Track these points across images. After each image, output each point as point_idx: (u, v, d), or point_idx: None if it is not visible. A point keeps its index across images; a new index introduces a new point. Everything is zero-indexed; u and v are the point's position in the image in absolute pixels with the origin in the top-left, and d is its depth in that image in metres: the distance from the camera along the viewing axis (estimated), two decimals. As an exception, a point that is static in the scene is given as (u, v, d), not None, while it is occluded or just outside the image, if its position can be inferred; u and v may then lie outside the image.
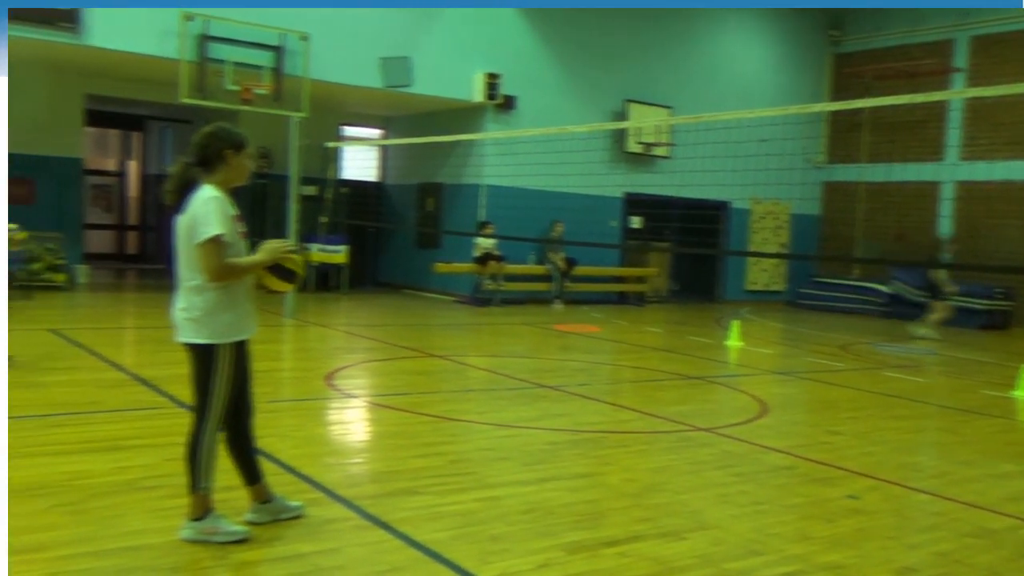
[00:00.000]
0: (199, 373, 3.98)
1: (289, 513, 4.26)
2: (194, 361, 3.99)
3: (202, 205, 3.84)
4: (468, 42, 15.42)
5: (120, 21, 12.35)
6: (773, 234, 19.96)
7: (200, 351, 3.95)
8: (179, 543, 3.88)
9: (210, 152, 3.95)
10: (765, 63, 19.56)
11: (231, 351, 3.98)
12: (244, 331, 4.05)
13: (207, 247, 3.80)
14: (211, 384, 3.95)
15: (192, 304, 3.92)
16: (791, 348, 12.98)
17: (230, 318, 3.96)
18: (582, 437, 6.45)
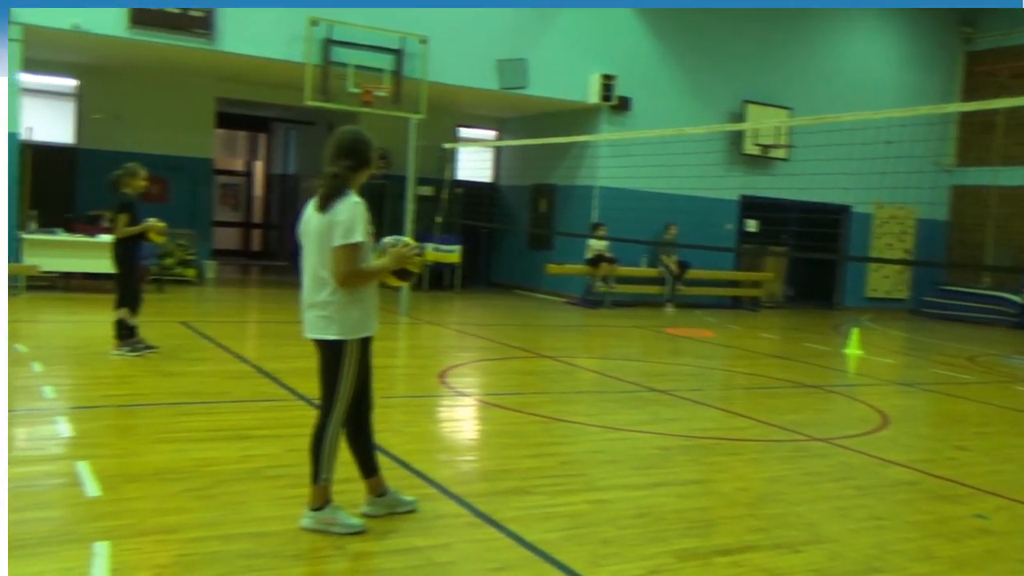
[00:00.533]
0: (327, 368, 4.11)
1: (403, 507, 4.36)
2: (323, 356, 4.13)
3: (348, 210, 3.97)
4: (584, 43, 15.42)
5: (251, 27, 12.86)
6: (897, 239, 19.23)
7: (329, 347, 4.08)
8: (300, 531, 4.03)
9: (361, 155, 4.11)
10: (891, 62, 18.86)
11: (358, 347, 4.10)
12: (370, 328, 4.17)
13: (346, 251, 3.94)
14: (338, 379, 4.08)
15: (323, 301, 4.05)
16: (914, 358, 12.49)
17: (358, 315, 4.08)
18: (694, 443, 6.38)
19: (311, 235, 4.07)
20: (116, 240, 8.11)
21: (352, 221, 3.94)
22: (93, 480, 4.52)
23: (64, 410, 6.14)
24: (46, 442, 5.37)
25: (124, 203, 8.00)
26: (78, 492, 4.38)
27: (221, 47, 12.72)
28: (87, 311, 11.38)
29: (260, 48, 13.04)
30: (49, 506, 4.24)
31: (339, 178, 4.04)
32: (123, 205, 7.99)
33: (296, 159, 21.81)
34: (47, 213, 13.35)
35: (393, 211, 16.63)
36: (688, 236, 15.74)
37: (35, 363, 7.51)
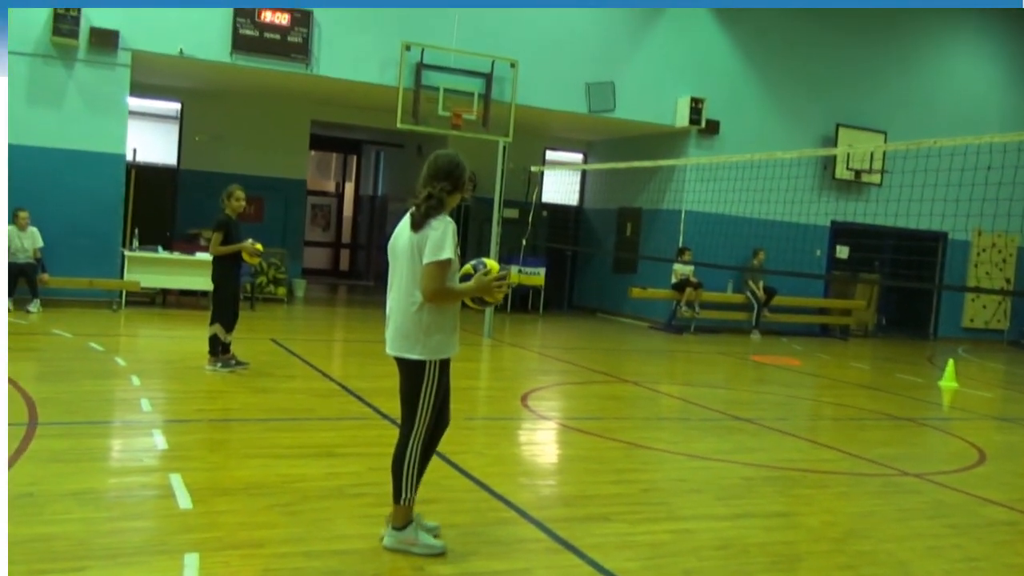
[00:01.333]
0: (410, 388, 4.16)
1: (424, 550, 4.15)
2: (404, 375, 4.18)
3: (438, 228, 4.05)
4: (672, 66, 15.36)
5: (346, 52, 13.21)
6: (997, 268, 18.51)
7: (412, 366, 4.13)
8: (381, 550, 4.08)
9: (457, 179, 4.19)
10: (992, 84, 18.24)
11: (438, 368, 4.15)
12: (451, 350, 4.22)
13: (437, 268, 4.00)
14: (420, 399, 4.13)
15: (409, 320, 4.11)
16: (1014, 392, 11.98)
17: (441, 336, 4.13)
18: (779, 474, 6.24)
19: (401, 252, 4.14)
20: (213, 258, 8.40)
21: (442, 239, 4.02)
22: (185, 492, 4.67)
23: (159, 423, 6.36)
24: (142, 453, 5.57)
25: (220, 222, 8.28)
26: (171, 504, 4.53)
27: (317, 71, 13.10)
28: (183, 327, 11.78)
29: (355, 72, 13.37)
30: (143, 516, 4.39)
31: (434, 199, 4.12)
32: (219, 224, 8.27)
33: (385, 181, 22.23)
34: (149, 231, 13.90)
35: (479, 233, 16.80)
36: (776, 262, 15.46)
37: (133, 376, 7.80)
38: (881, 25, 17.04)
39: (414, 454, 4.13)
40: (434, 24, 13.57)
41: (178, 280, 13.10)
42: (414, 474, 4.13)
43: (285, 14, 12.72)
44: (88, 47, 12.07)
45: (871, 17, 16.91)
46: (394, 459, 4.16)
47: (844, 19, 16.70)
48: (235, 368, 8.35)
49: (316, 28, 12.96)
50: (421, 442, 4.15)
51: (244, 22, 12.57)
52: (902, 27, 17.26)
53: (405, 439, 4.15)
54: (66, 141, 12.03)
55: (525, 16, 14.25)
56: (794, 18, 16.27)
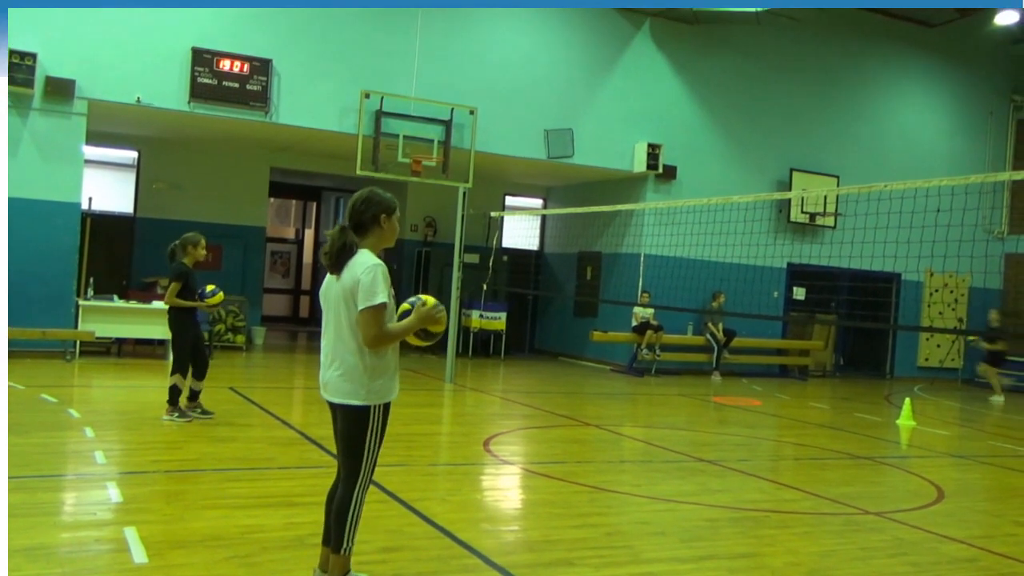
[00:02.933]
0: (353, 434, 4.06)
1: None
2: (346, 422, 4.08)
3: (368, 272, 3.92)
4: (629, 113, 15.61)
5: (305, 100, 13.25)
6: (950, 308, 18.88)
7: (354, 412, 4.04)
8: (343, 600, 4.00)
9: (366, 216, 4.05)
10: (940, 130, 18.78)
11: (381, 413, 4.07)
12: (393, 392, 4.11)
13: (372, 314, 3.90)
14: (366, 445, 4.04)
15: (350, 366, 4.02)
16: (970, 429, 12.16)
17: (384, 380, 4.05)
18: (742, 515, 6.25)
19: (333, 300, 4.05)
20: (169, 308, 8.30)
21: (373, 283, 3.90)
22: (140, 546, 4.55)
23: (114, 475, 6.22)
24: (96, 507, 5.44)
25: (179, 272, 8.19)
26: (126, 558, 4.41)
27: (277, 120, 13.11)
28: (139, 377, 11.58)
29: (314, 120, 13.41)
30: (97, 572, 4.28)
31: (340, 239, 4.01)
32: (178, 274, 8.18)
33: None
34: (104, 280, 13.72)
35: (440, 278, 16.80)
36: (735, 304, 15.64)
37: (87, 428, 7.64)
38: (832, 73, 17.52)
39: (358, 503, 4.03)
40: (393, 72, 13.69)
41: (134, 329, 12.90)
42: (356, 523, 4.03)
43: (244, 62, 12.76)
44: (43, 96, 11.98)
45: (822, 66, 17.39)
46: (337, 509, 4.04)
47: (797, 68, 17.14)
48: (200, 417, 8.23)
49: (275, 76, 13.00)
50: (366, 490, 4.07)
51: (202, 71, 12.57)
52: (852, 76, 17.76)
53: (350, 488, 4.04)
54: (20, 190, 11.87)
55: (484, 64, 14.43)
56: (748, 65, 16.66)
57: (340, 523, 4.02)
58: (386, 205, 4.09)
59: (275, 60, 12.99)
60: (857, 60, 17.80)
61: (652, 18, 15.66)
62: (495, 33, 14.68)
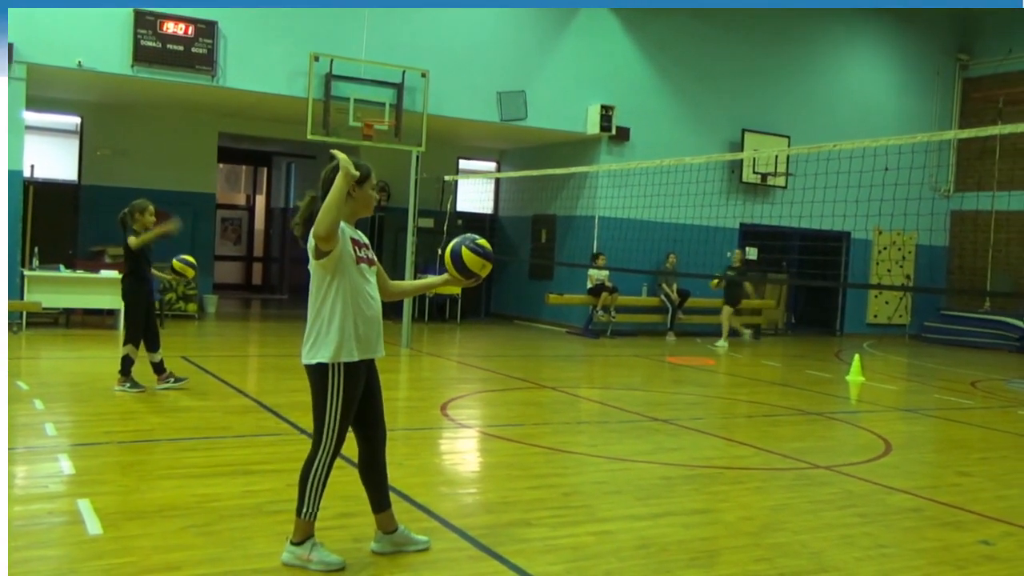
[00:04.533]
0: (314, 396, 4.06)
1: (414, 546, 4.29)
2: (310, 383, 4.08)
3: None
4: (582, 75, 15.56)
5: (253, 63, 12.98)
6: (897, 265, 19.25)
7: (313, 372, 4.04)
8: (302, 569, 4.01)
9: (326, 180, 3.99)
10: (888, 89, 19.01)
11: (342, 372, 4.01)
12: (354, 353, 4.04)
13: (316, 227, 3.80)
14: (325, 408, 4.01)
15: (310, 325, 4.04)
16: (916, 384, 12.46)
17: (338, 338, 3.99)
18: (697, 472, 6.36)
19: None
20: (122, 276, 8.17)
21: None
22: (95, 518, 4.51)
23: (65, 447, 6.14)
24: (47, 480, 5.37)
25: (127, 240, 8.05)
26: (80, 530, 4.37)
27: (224, 83, 12.84)
28: (89, 347, 11.40)
29: (262, 84, 13.16)
30: (50, 545, 4.23)
31: (308, 208, 4.08)
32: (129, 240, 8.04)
33: (297, 192, 21.91)
34: (50, 250, 13.40)
35: (395, 243, 16.71)
36: (688, 265, 15.78)
37: (36, 400, 7.51)
38: (783, 34, 17.59)
39: (319, 470, 4.03)
40: (343, 35, 13.46)
41: (82, 299, 12.66)
42: (318, 489, 4.03)
43: (189, 24, 12.46)
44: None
45: (773, 26, 17.46)
46: (301, 471, 4.07)
47: (748, 28, 17.18)
48: (175, 387, 8.24)
49: (221, 39, 12.72)
50: (330, 456, 4.05)
51: (145, 33, 12.25)
52: (803, 36, 17.86)
53: (312, 451, 4.06)
54: (-42, 158, 11.53)
55: (435, 26, 14.25)
56: (699, 26, 16.67)
57: (300, 487, 4.03)
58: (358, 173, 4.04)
59: (221, 22, 12.69)
60: (807, 20, 17.89)
61: (604, -22, 15.56)
62: (446, -6, 14.48)
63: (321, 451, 4.03)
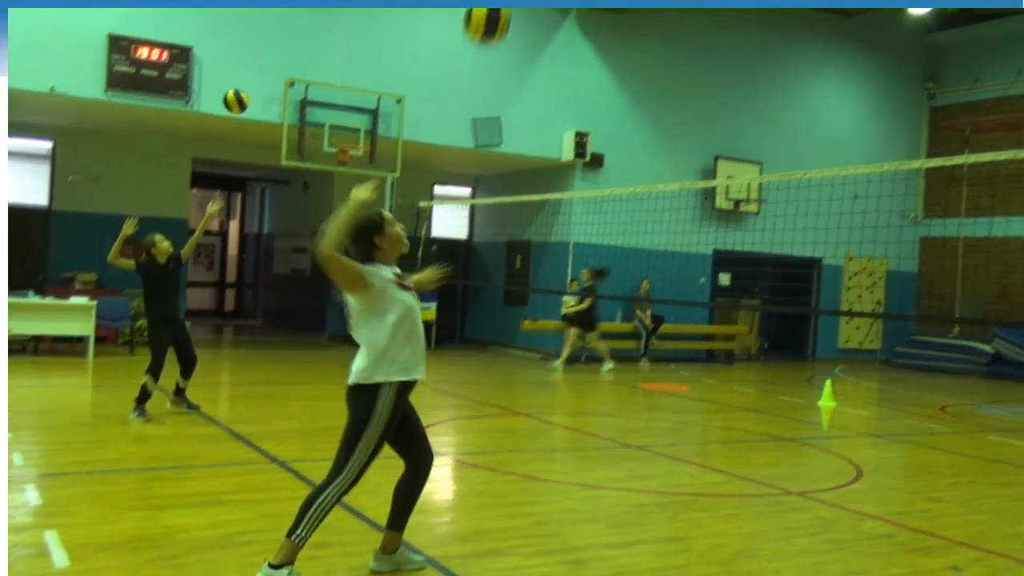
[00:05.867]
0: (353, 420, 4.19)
1: (410, 565, 4.43)
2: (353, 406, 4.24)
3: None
4: (557, 101, 15.67)
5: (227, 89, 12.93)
6: (868, 291, 19.46)
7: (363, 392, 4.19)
8: (272, 599, 3.97)
9: (366, 243, 4.24)
10: (858, 118, 19.31)
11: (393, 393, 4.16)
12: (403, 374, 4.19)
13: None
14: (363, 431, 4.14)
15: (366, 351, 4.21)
16: (887, 409, 12.57)
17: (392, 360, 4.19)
18: (670, 499, 6.37)
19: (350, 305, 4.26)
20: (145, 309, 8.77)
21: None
22: (62, 550, 4.44)
23: (33, 477, 6.05)
24: (14, 511, 5.27)
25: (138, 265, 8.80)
26: (46, 563, 4.30)
27: (198, 109, 12.81)
28: (58, 375, 11.26)
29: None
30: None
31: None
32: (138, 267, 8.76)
33: (271, 218, 21.85)
34: (20, 275, 13.25)
35: (368, 269, 16.61)
36: (662, 290, 15.86)
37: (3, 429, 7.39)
38: (755, 62, 17.84)
39: (329, 497, 4.06)
40: (318, 60, 13.49)
41: (52, 326, 12.52)
42: (320, 517, 4.05)
43: (163, 50, 12.44)
44: (-50, 84, 11.51)
45: (746, 54, 17.69)
46: (309, 494, 4.09)
47: (721, 56, 17.40)
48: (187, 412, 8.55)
49: (196, 64, 12.70)
50: (345, 486, 4.11)
51: (120, 58, 12.22)
52: (774, 64, 18.11)
53: (329, 479, 4.11)
54: (-74, 183, 11.40)
55: (410, 52, 14.31)
56: (673, 53, 16.86)
57: (303, 509, 4.03)
58: (371, 225, 4.25)
59: (196, 47, 12.69)
60: (779, 48, 18.17)
61: (578, 7, 15.71)
62: (421, 21, 14.57)
63: (339, 478, 4.09)
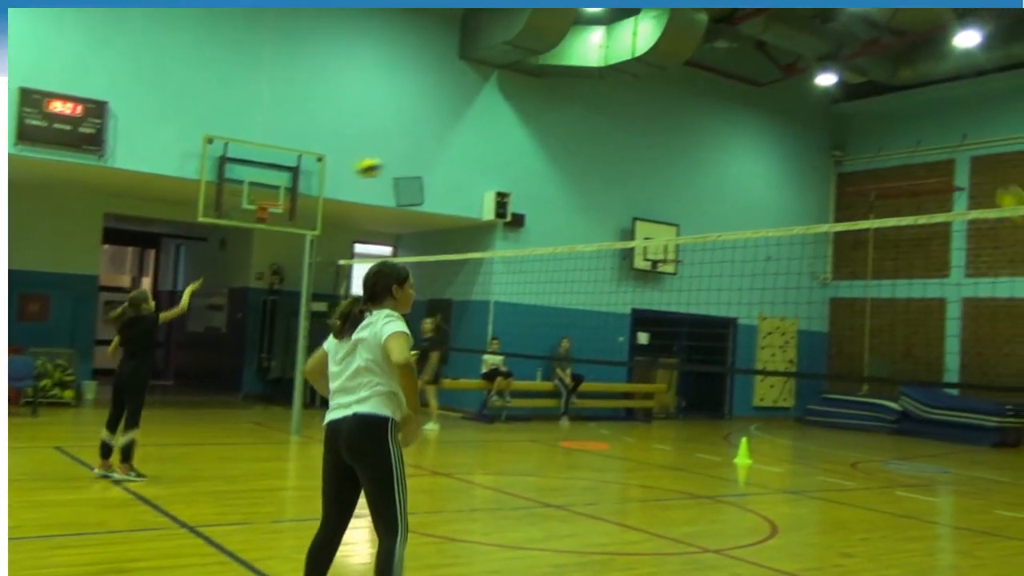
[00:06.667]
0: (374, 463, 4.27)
1: None
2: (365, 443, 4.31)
3: (386, 317, 4.18)
4: (479, 162, 15.85)
5: (144, 144, 12.78)
6: (781, 350, 19.96)
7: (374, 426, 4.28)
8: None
9: (379, 288, 4.29)
10: (771, 182, 20.00)
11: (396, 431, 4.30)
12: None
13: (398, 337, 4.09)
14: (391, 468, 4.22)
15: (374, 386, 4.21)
16: (801, 466, 12.81)
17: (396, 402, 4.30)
18: (589, 559, 6.35)
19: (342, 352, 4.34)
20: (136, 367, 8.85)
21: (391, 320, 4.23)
22: (-50, 624, 4.19)
23: (-78, 546, 5.71)
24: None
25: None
26: (-68, 638, 4.05)
27: (112, 164, 12.58)
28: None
29: (153, 165, 12.95)
30: (-102, 655, 3.91)
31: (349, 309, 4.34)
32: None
33: (186, 275, 21.40)
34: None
35: (287, 327, 16.44)
36: (582, 349, 15.99)
37: None
38: (672, 127, 18.42)
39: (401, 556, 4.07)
40: (238, 117, 13.42)
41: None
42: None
43: (77, 104, 12.21)
44: None
45: (663, 120, 18.26)
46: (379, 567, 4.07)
47: (639, 120, 17.92)
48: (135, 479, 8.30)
49: (112, 119, 12.50)
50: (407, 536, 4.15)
51: (31, 112, 11.95)
52: (691, 129, 18.73)
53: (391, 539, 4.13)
54: None
55: (332, 111, 14.36)
56: (593, 118, 17.26)
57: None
58: (396, 275, 4.34)
59: (112, 102, 12.49)
60: (694, 115, 18.78)
61: (500, 70, 16.02)
62: (344, 80, 14.65)
63: (400, 531, 4.10)
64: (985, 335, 17.80)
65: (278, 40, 13.97)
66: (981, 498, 10.42)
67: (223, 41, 13.52)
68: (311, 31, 14.34)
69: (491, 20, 15.10)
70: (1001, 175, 17.89)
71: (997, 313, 17.58)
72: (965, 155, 18.62)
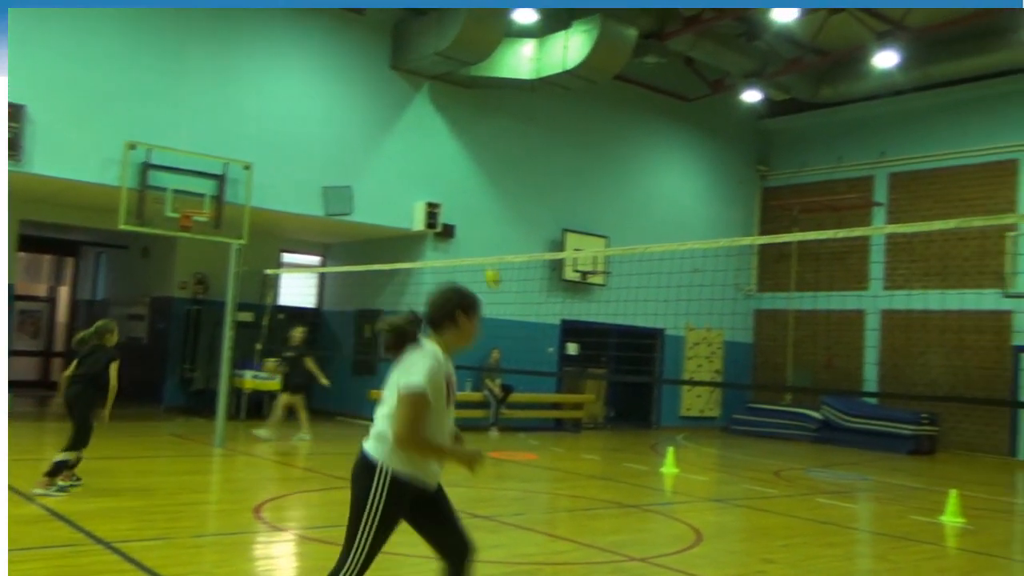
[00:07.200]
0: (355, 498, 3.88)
1: None
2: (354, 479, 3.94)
3: (420, 356, 3.82)
4: (409, 172, 15.79)
5: (63, 149, 12.41)
6: (707, 361, 20.29)
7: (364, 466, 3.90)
8: None
9: (442, 311, 3.94)
10: (698, 195, 20.35)
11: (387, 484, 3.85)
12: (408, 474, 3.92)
13: (407, 399, 3.74)
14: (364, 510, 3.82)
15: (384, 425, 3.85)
16: (726, 475, 13.02)
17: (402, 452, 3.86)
18: (516, 569, 6.34)
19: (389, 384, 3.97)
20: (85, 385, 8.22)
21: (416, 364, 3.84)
22: None
23: None
24: None
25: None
26: None
27: (30, 169, 12.19)
28: None
29: (73, 171, 12.59)
30: None
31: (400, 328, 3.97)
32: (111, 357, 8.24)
33: (106, 284, 20.85)
34: None
35: (211, 337, 16.13)
36: (512, 360, 16.02)
37: None
38: (602, 140, 18.61)
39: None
40: (162, 123, 13.14)
41: None
42: None
43: (-8, 106, 11.82)
44: None
45: (593, 132, 18.44)
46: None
47: (570, 132, 18.06)
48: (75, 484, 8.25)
49: (29, 124, 12.12)
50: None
51: (-58, 113, 11.53)
52: (620, 143, 18.95)
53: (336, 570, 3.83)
54: None
55: (260, 118, 14.16)
56: (523, 129, 17.36)
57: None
58: (464, 301, 4.01)
59: (29, 106, 12.11)
60: (624, 128, 19.02)
61: (431, 81, 16.00)
62: (273, 88, 14.47)
63: (346, 568, 3.79)
64: (901, 346, 18.37)
65: (205, 46, 13.74)
66: (897, 504, 10.73)
67: (148, 46, 13.24)
68: (240, 37, 14.14)
69: (423, 30, 15.09)
70: (918, 191, 18.55)
71: (912, 324, 18.16)
72: (884, 172, 19.23)
